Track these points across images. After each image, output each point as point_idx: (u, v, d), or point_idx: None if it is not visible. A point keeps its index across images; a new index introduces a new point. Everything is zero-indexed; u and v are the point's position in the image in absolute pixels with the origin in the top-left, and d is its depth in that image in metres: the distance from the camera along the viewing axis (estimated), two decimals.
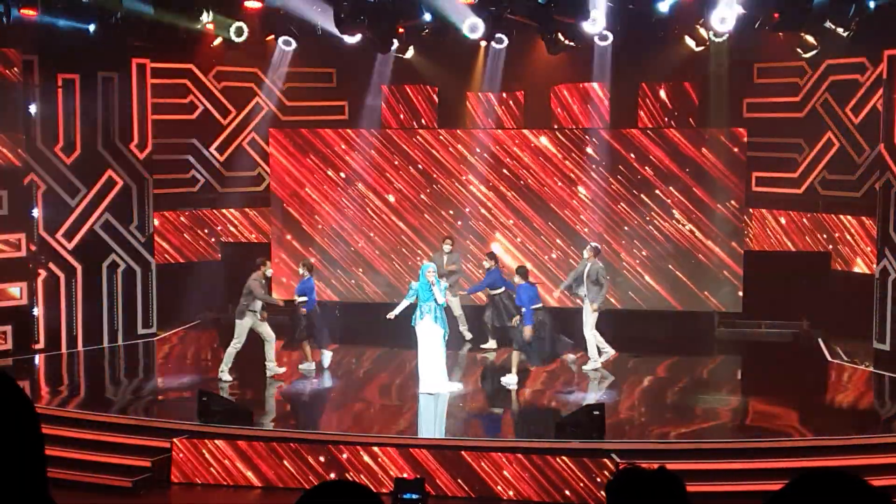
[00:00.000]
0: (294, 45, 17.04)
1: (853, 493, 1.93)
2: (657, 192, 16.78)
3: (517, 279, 13.72)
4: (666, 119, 17.42)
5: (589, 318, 14.41)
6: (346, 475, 11.05)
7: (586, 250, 14.67)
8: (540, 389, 14.07)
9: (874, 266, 15.14)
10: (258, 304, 13.87)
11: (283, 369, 14.31)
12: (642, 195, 16.80)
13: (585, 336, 14.45)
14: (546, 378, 14.49)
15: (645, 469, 2.63)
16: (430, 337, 13.10)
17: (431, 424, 12.79)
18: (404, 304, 13.50)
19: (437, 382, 13.15)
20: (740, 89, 17.30)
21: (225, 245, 18.39)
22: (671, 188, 16.77)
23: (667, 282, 16.65)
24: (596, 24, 15.23)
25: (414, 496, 10.01)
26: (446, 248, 15.90)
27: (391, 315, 13.60)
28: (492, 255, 15.78)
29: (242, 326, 13.79)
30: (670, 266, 16.69)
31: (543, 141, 17.09)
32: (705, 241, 16.66)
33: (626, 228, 16.84)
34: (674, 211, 16.79)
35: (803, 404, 13.27)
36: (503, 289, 15.15)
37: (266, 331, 14.03)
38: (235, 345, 13.71)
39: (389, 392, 13.86)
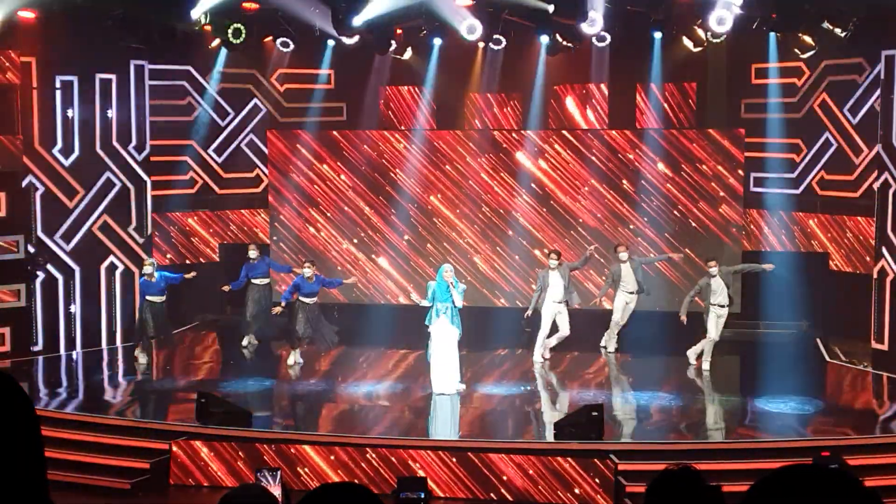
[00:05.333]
0: (292, 46, 17.04)
1: (843, 490, 1.93)
2: (655, 192, 16.79)
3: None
4: (664, 120, 17.43)
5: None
6: (347, 476, 11.04)
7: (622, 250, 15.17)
8: (540, 390, 14.09)
9: (872, 266, 15.15)
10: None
11: None
12: (640, 196, 16.81)
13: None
14: (546, 378, 14.52)
15: (697, 472, 2.62)
16: (445, 337, 13.09)
17: (443, 425, 12.79)
18: (427, 303, 13.28)
19: (450, 383, 13.16)
20: (738, 90, 17.32)
21: (223, 246, 18.38)
22: (669, 189, 16.78)
23: (665, 282, 16.65)
24: (594, 25, 15.25)
25: (418, 495, 10.04)
26: (552, 263, 14.82)
27: (422, 301, 13.41)
28: (258, 247, 16.21)
29: None
30: (668, 266, 16.68)
31: (541, 142, 17.10)
32: (703, 242, 16.66)
33: (623, 229, 16.84)
34: (671, 212, 16.79)
35: (801, 405, 13.27)
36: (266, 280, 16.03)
37: None
38: None
39: (393, 393, 13.84)
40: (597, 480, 10.76)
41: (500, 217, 17.21)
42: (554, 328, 14.84)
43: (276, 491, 9.52)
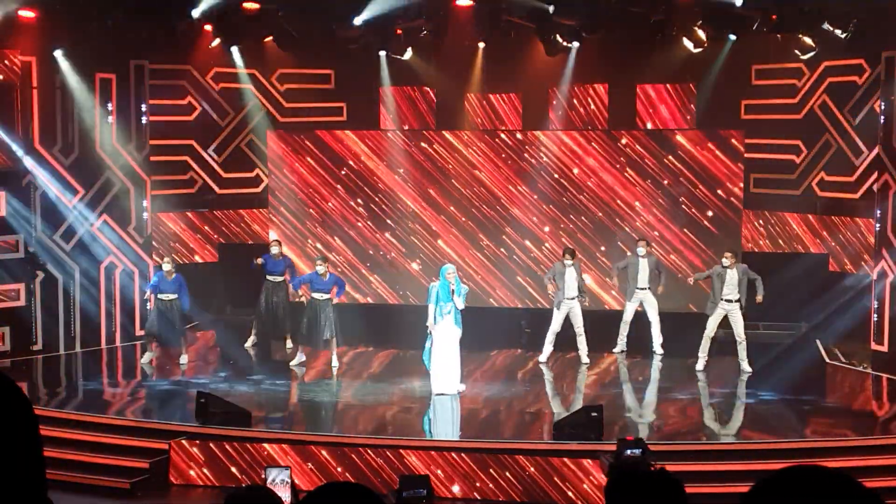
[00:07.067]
0: (292, 46, 17.02)
1: (844, 492, 1.92)
2: (655, 193, 16.78)
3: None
4: (664, 120, 17.42)
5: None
6: (348, 476, 11.04)
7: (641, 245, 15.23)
8: (540, 390, 14.10)
9: (872, 267, 15.15)
10: None
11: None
12: (639, 197, 16.81)
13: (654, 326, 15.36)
14: (546, 378, 14.53)
15: (645, 469, 2.63)
16: (448, 337, 13.09)
17: (444, 426, 12.79)
18: (432, 309, 13.16)
19: (450, 383, 13.17)
20: (738, 91, 17.31)
21: (223, 246, 18.38)
22: (669, 190, 16.77)
23: (665, 283, 16.63)
24: (594, 25, 15.26)
25: (420, 493, 10.03)
26: (567, 261, 14.77)
27: (430, 328, 13.16)
28: (280, 244, 16.05)
29: None
30: (668, 268, 16.67)
31: (541, 141, 17.09)
32: (703, 243, 16.65)
33: (624, 230, 16.84)
34: (671, 213, 16.78)
35: (801, 406, 13.28)
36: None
37: None
38: None
39: (394, 393, 13.83)
40: (596, 482, 10.75)
41: (500, 216, 17.20)
42: (568, 328, 14.87)
43: (286, 490, 9.52)
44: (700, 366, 14.57)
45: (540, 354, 15.08)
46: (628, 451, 8.18)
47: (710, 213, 16.70)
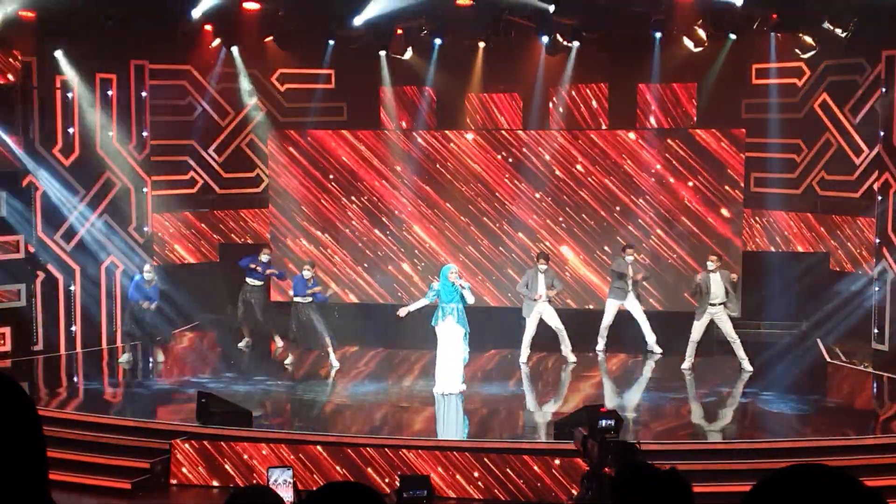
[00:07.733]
0: (292, 46, 17.02)
1: (846, 491, 1.93)
2: (655, 192, 16.77)
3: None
4: (664, 120, 17.42)
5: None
6: (349, 476, 11.04)
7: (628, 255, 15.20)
8: (539, 390, 14.10)
9: (873, 266, 15.15)
10: None
11: None
12: (640, 196, 16.81)
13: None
14: (545, 378, 14.53)
15: (656, 468, 2.64)
16: (451, 337, 13.11)
17: (445, 425, 12.80)
18: (421, 303, 13.40)
19: (453, 383, 13.19)
20: (738, 90, 17.31)
21: (223, 246, 18.38)
22: (669, 189, 16.76)
23: (666, 282, 16.65)
24: (594, 24, 15.26)
25: (420, 493, 10.02)
26: (542, 267, 14.86)
27: (402, 312, 13.49)
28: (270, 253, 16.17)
29: None
30: (669, 267, 16.67)
31: (541, 141, 17.09)
32: (704, 242, 16.65)
33: (625, 230, 16.83)
34: (672, 212, 16.77)
35: (801, 405, 13.27)
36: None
37: None
38: None
39: (394, 392, 13.83)
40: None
41: (500, 216, 17.19)
42: (545, 329, 14.88)
43: (288, 490, 9.52)
44: (686, 365, 14.58)
45: (519, 356, 15.11)
46: (603, 422, 8.22)
47: (711, 212, 16.69)
